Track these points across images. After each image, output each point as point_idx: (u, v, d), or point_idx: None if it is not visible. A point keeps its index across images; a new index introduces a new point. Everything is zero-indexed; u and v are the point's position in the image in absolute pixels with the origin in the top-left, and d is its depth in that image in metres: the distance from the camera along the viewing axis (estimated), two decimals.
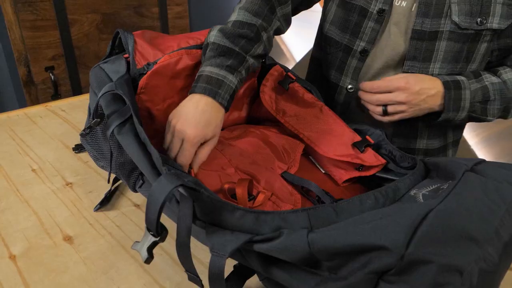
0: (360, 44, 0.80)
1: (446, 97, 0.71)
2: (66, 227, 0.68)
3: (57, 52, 1.76)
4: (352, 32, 0.80)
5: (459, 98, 0.72)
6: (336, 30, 0.83)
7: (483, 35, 0.73)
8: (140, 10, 1.96)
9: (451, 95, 0.72)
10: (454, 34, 0.72)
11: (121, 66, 0.68)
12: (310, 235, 0.39)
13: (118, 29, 0.71)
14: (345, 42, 0.82)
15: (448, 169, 0.50)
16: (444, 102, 0.72)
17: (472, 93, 0.73)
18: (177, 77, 0.72)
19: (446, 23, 0.72)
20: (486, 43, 0.74)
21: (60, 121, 1.06)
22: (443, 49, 0.74)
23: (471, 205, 0.41)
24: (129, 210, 0.72)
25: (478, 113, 0.75)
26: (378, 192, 0.46)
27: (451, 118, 0.74)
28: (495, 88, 0.74)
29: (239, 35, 0.68)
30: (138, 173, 0.63)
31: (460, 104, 0.73)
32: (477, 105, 0.74)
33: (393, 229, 0.37)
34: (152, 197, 0.41)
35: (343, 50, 0.83)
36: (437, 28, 0.73)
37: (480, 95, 0.74)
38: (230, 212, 0.42)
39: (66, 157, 0.88)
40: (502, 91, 0.74)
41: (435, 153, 0.86)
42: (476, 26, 0.71)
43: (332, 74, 0.86)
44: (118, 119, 0.57)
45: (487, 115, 0.76)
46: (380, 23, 0.77)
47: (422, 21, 0.73)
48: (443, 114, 0.73)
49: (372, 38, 0.78)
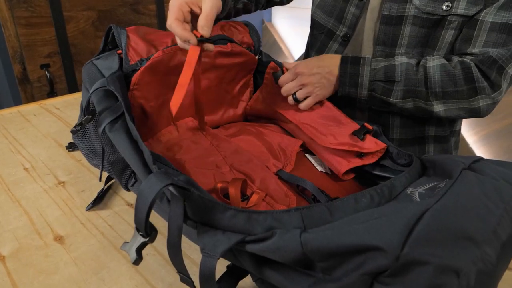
0: (343, 29, 0.82)
1: (341, 70, 0.72)
2: (57, 226, 0.67)
3: (53, 50, 1.74)
4: (336, 18, 0.83)
5: (356, 73, 0.72)
6: (322, 14, 0.86)
7: (448, 21, 0.71)
8: (136, 7, 1.94)
9: (346, 69, 0.72)
10: (418, 19, 0.72)
11: (114, 62, 0.67)
12: (303, 235, 0.38)
13: (111, 24, 0.70)
14: (329, 26, 0.85)
15: (445, 167, 0.49)
16: (340, 76, 0.73)
17: (372, 71, 0.72)
18: (171, 73, 0.70)
19: (410, 7, 0.72)
20: (453, 30, 0.72)
21: (54, 119, 1.04)
22: (407, 34, 0.74)
23: (468, 204, 0.40)
24: (122, 209, 0.71)
25: (379, 92, 0.72)
26: (374, 190, 0.45)
27: (352, 95, 0.74)
28: (402, 68, 0.71)
29: None
30: (130, 171, 0.62)
31: (358, 80, 0.72)
32: (378, 84, 0.72)
33: (388, 229, 0.36)
34: (141, 196, 0.40)
35: (326, 34, 0.86)
36: (402, 13, 0.73)
37: (381, 74, 0.71)
38: (221, 212, 0.41)
39: (59, 156, 0.87)
40: (407, 71, 0.70)
41: (409, 144, 0.84)
42: (441, 11, 0.71)
43: (313, 55, 0.88)
44: (110, 116, 0.56)
45: (390, 97, 0.72)
46: (360, 9, 0.79)
47: (390, 6, 0.74)
48: (339, 88, 0.74)
49: (353, 23, 0.80)
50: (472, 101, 0.71)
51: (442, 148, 0.86)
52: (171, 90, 0.72)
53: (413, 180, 0.49)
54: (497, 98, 0.71)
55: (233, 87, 0.82)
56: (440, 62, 0.71)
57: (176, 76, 0.71)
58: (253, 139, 0.72)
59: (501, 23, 0.68)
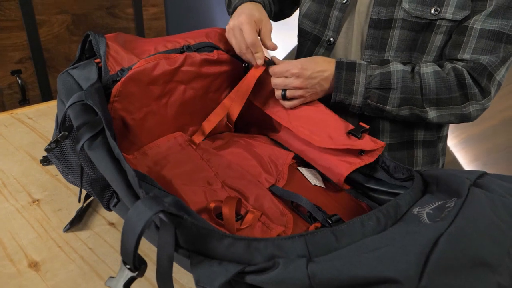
0: (328, 33, 0.82)
1: (336, 76, 0.71)
2: (32, 251, 0.61)
3: (24, 55, 1.66)
4: (322, 23, 0.83)
5: (351, 80, 0.70)
6: (308, 22, 0.86)
7: (437, 26, 0.71)
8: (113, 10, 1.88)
9: (341, 75, 0.70)
10: (406, 23, 0.72)
11: (92, 72, 0.62)
12: (310, 266, 0.35)
13: (89, 31, 0.65)
14: (315, 32, 0.85)
15: (451, 184, 0.46)
16: (334, 82, 0.71)
17: (367, 78, 0.70)
18: (154, 83, 0.66)
19: (399, 11, 0.72)
20: (442, 34, 0.72)
21: (26, 130, 0.98)
22: (396, 38, 0.73)
23: (482, 227, 0.37)
24: (103, 229, 0.66)
25: (375, 100, 0.71)
26: (379, 212, 0.42)
27: (346, 102, 0.72)
28: (398, 76, 0.70)
29: None
30: (112, 190, 0.57)
31: (353, 87, 0.71)
32: (374, 92, 0.71)
33: (403, 258, 0.33)
34: (128, 225, 0.36)
35: (312, 40, 0.85)
36: (391, 17, 0.73)
37: (377, 81, 0.70)
38: (218, 240, 0.37)
39: (32, 171, 0.81)
40: (404, 79, 0.70)
41: (398, 148, 0.83)
42: (429, 16, 0.70)
43: None
44: (89, 132, 0.51)
45: (386, 104, 0.71)
46: (342, 12, 0.78)
47: (379, 10, 0.73)
48: (333, 94, 0.72)
49: (336, 26, 0.80)
50: (464, 107, 0.72)
51: (430, 153, 0.85)
52: (155, 101, 0.68)
53: (417, 197, 0.47)
54: (486, 105, 0.73)
55: (219, 96, 0.79)
56: (434, 69, 0.71)
57: (159, 86, 0.67)
58: (243, 152, 0.69)
59: (490, 30, 0.69)
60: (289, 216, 0.56)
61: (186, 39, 0.71)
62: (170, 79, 0.68)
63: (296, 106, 0.72)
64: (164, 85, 0.68)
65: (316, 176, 0.68)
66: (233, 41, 0.72)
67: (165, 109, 0.70)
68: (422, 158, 0.85)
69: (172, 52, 0.68)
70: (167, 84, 0.68)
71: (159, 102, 0.69)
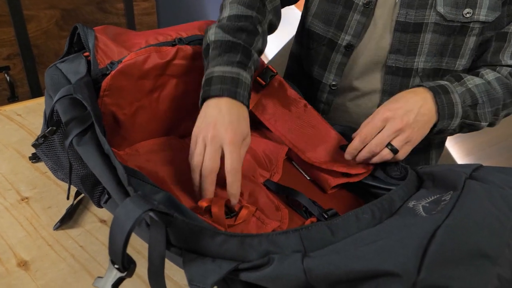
0: (345, 38, 0.75)
1: (438, 102, 0.62)
2: (21, 250, 0.60)
3: (13, 51, 1.63)
4: (337, 26, 0.76)
5: (451, 102, 0.64)
6: (319, 23, 0.79)
7: (471, 28, 0.70)
8: (103, 5, 1.85)
9: (442, 99, 0.63)
10: (439, 26, 0.69)
11: (81, 65, 0.61)
12: (306, 261, 0.34)
13: (77, 23, 0.63)
14: (329, 36, 0.78)
15: (447, 178, 0.46)
16: (438, 109, 0.62)
17: (460, 97, 0.65)
18: (145, 77, 0.65)
19: (431, 14, 0.69)
20: (474, 36, 0.71)
21: (15, 127, 0.96)
22: (427, 42, 0.70)
23: (480, 218, 0.37)
24: (94, 226, 0.65)
25: (472, 118, 0.67)
26: (374, 205, 0.41)
27: (445, 127, 0.65)
28: (481, 90, 0.67)
29: (239, 28, 0.63)
30: (102, 187, 0.56)
31: (454, 110, 0.64)
32: (469, 110, 0.67)
33: (401, 251, 0.33)
34: (116, 224, 0.34)
35: (327, 45, 0.78)
36: (421, 20, 0.69)
37: (468, 98, 0.66)
38: (211, 237, 0.36)
39: (21, 168, 0.79)
40: (488, 92, 0.68)
41: (417, 153, 0.82)
42: (462, 18, 0.68)
43: (315, 70, 0.82)
44: (78, 128, 0.50)
45: (480, 120, 0.68)
46: (366, 16, 0.73)
47: (406, 12, 0.70)
48: (438, 123, 0.63)
49: (358, 31, 0.74)
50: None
51: (439, 152, 0.86)
52: (146, 96, 0.67)
53: (411, 192, 0.47)
54: None
55: None
56: (495, 76, 0.70)
57: (151, 80, 0.66)
58: None
59: None
60: (284, 211, 0.55)
61: (178, 32, 0.69)
62: (161, 72, 0.67)
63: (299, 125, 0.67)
64: (156, 79, 0.66)
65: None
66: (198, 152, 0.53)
67: (157, 104, 0.69)
68: (435, 159, 0.86)
69: (164, 45, 0.66)
70: (158, 78, 0.67)
71: (151, 97, 0.67)
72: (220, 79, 0.57)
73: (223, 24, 0.64)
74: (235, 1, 0.68)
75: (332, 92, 0.80)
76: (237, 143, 0.52)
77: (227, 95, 0.55)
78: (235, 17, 0.65)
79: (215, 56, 0.60)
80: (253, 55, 0.62)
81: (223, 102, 0.55)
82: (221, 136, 0.51)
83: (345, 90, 0.80)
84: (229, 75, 0.57)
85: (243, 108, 0.56)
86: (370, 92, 0.78)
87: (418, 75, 0.74)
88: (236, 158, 0.51)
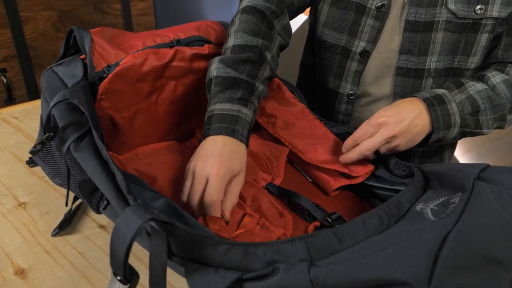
0: (360, 44, 0.73)
1: (433, 115, 0.61)
2: (18, 257, 0.58)
3: (9, 53, 1.62)
4: (350, 33, 0.73)
5: (447, 113, 0.62)
6: (331, 32, 0.76)
7: (483, 25, 0.67)
8: (100, 6, 1.83)
9: (437, 111, 0.62)
10: (451, 24, 0.67)
11: (77, 69, 0.59)
12: (312, 270, 0.33)
13: (73, 26, 0.62)
14: (342, 44, 0.75)
15: (454, 178, 0.45)
16: (432, 121, 0.62)
17: (459, 106, 0.64)
18: (143, 80, 0.64)
19: (442, 12, 0.67)
20: (487, 33, 0.69)
21: (12, 130, 0.94)
22: (439, 41, 0.68)
23: (491, 222, 0.36)
24: (93, 232, 0.64)
25: (472, 127, 0.65)
26: (381, 210, 0.40)
27: (443, 137, 0.64)
28: (483, 96, 0.65)
29: (242, 60, 0.61)
30: (101, 193, 0.54)
31: (450, 120, 0.63)
32: (469, 118, 0.65)
33: (410, 259, 0.31)
34: (117, 235, 0.33)
35: (341, 53, 0.76)
36: (432, 18, 0.67)
37: (468, 107, 0.64)
38: (213, 247, 0.35)
39: (18, 172, 0.78)
40: (491, 98, 0.65)
41: (431, 155, 0.81)
42: (474, 15, 0.66)
43: (331, 80, 0.79)
44: (75, 133, 0.49)
45: (482, 128, 0.66)
46: (380, 20, 0.70)
47: (416, 11, 0.68)
48: (433, 135, 0.63)
49: (372, 37, 0.71)
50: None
51: (451, 152, 0.84)
52: (144, 99, 0.66)
53: (418, 194, 0.45)
54: None
55: None
56: (502, 78, 0.67)
57: (148, 82, 0.65)
58: None
59: None
60: (288, 217, 0.53)
61: (176, 33, 0.68)
62: (159, 75, 0.65)
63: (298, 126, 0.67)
64: (154, 82, 0.65)
65: None
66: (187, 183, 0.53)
67: (155, 107, 0.68)
68: (448, 160, 0.84)
69: (161, 46, 0.65)
70: (156, 81, 0.66)
71: (149, 100, 0.66)
72: (220, 117, 0.56)
73: (226, 58, 0.62)
74: (240, 29, 0.66)
75: (351, 101, 0.78)
76: (222, 175, 0.51)
77: (225, 133, 0.55)
78: (239, 47, 0.63)
79: (216, 93, 0.59)
80: (257, 88, 0.61)
81: (220, 138, 0.55)
82: (207, 167, 0.51)
83: (358, 96, 0.78)
84: (228, 113, 0.57)
85: (239, 146, 0.56)
86: (383, 97, 0.76)
87: (430, 75, 0.72)
88: (216, 190, 0.50)
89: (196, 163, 0.52)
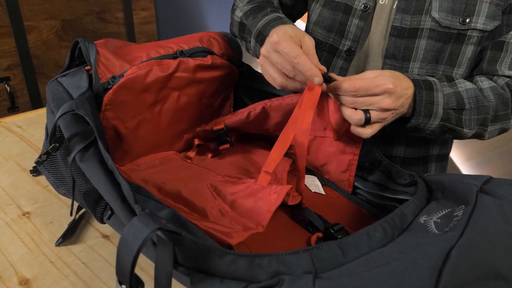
0: (346, 43, 0.76)
1: (417, 97, 0.59)
2: (22, 267, 0.59)
3: (13, 62, 1.63)
4: (338, 31, 0.77)
5: (431, 101, 0.61)
6: (321, 30, 0.80)
7: (468, 36, 0.68)
8: (103, 15, 1.85)
9: (422, 96, 0.60)
10: (434, 33, 0.69)
11: (82, 80, 0.60)
12: (317, 282, 0.33)
13: (78, 38, 0.63)
14: (330, 41, 0.79)
15: (457, 190, 0.45)
16: (415, 104, 0.60)
17: (445, 97, 0.62)
18: (147, 91, 0.64)
19: (427, 20, 0.68)
20: (473, 45, 0.70)
21: (16, 139, 0.95)
22: (422, 48, 0.70)
23: (494, 237, 0.36)
24: (97, 242, 0.64)
25: (453, 123, 0.64)
26: (385, 222, 0.40)
27: (421, 126, 0.62)
28: (470, 95, 0.64)
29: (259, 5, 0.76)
30: (105, 203, 0.55)
31: (433, 109, 0.61)
32: (452, 113, 0.63)
33: (415, 274, 0.32)
34: (123, 244, 0.34)
35: (328, 50, 0.79)
36: (417, 25, 0.69)
37: (454, 101, 0.63)
38: (219, 257, 0.36)
39: (22, 182, 0.78)
40: (477, 98, 0.64)
41: (413, 163, 0.81)
42: (458, 25, 0.67)
43: None
44: (80, 144, 0.49)
45: (463, 127, 0.65)
46: (364, 20, 0.73)
47: (402, 17, 0.70)
48: (413, 119, 0.61)
49: (357, 36, 0.75)
50: (509, 122, 0.69)
51: (441, 166, 0.84)
52: (148, 109, 0.66)
53: (422, 205, 0.46)
54: None
55: (214, 101, 0.77)
56: (490, 85, 0.67)
57: (152, 93, 0.65)
58: (241, 160, 0.67)
59: None
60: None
61: (179, 44, 0.69)
62: (163, 86, 0.66)
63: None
64: (158, 92, 0.66)
65: (315, 182, 0.67)
66: (270, 70, 0.57)
67: (159, 117, 0.68)
68: (435, 172, 0.83)
69: (165, 58, 0.66)
70: (160, 91, 0.66)
71: (153, 110, 0.67)
72: (266, 25, 0.69)
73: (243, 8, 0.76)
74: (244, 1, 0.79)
75: None
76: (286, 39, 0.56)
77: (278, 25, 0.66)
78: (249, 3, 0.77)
79: (251, 22, 0.73)
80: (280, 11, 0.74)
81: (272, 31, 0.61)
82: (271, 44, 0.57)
83: None
84: (271, 19, 0.69)
85: (291, 24, 0.66)
86: None
87: None
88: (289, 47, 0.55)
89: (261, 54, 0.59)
